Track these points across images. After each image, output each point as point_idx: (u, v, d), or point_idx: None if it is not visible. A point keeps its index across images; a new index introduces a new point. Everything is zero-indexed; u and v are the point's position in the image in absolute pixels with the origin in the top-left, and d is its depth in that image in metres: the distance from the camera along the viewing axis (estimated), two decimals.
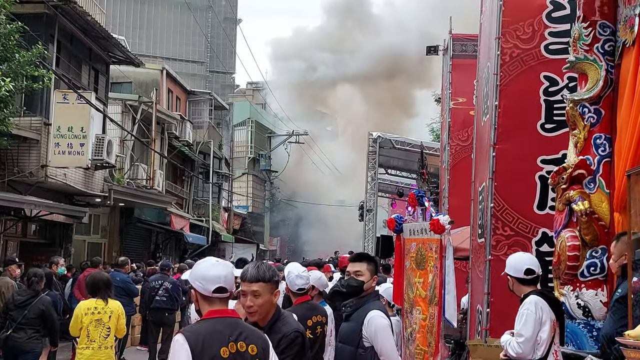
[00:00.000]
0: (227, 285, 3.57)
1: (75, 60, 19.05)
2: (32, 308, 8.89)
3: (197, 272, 3.62)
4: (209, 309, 3.57)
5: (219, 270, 3.58)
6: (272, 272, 4.05)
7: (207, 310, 3.57)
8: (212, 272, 3.56)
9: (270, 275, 4.01)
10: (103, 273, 8.88)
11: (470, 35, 13.87)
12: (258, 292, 3.99)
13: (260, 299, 4.00)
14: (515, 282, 5.39)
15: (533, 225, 7.39)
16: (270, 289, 4.03)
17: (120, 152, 23.14)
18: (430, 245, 6.78)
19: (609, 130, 5.83)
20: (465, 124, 13.58)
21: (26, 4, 16.06)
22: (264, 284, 4.00)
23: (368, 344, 5.01)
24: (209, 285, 3.54)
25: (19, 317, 8.85)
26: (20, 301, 8.99)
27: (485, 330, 7.26)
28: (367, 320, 5.02)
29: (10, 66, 12.92)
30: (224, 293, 3.58)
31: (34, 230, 19.03)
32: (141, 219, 25.79)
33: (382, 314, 5.07)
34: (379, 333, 4.99)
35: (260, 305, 4.01)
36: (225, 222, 37.91)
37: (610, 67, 5.86)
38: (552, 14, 7.55)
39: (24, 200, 15.40)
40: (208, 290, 3.54)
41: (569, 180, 5.81)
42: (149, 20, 55.73)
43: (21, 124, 15.77)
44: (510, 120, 7.56)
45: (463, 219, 10.13)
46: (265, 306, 4.03)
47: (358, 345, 5.03)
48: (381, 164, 26.91)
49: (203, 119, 33.97)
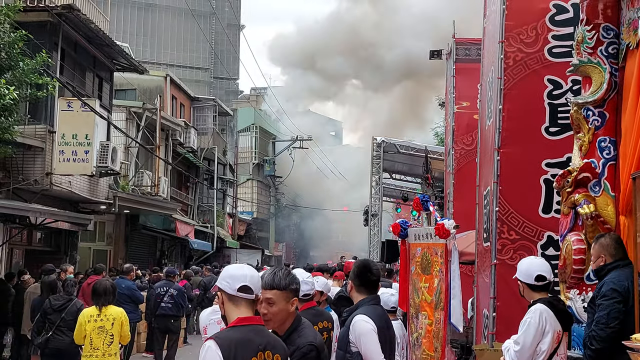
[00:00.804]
0: (252, 285, 3.54)
1: (80, 68, 19.09)
2: (68, 311, 9.39)
3: (224, 272, 3.65)
4: (237, 315, 3.53)
5: (246, 270, 3.61)
6: (289, 279, 3.96)
7: (236, 317, 3.52)
8: (239, 271, 3.59)
9: (286, 283, 3.93)
10: (105, 280, 8.89)
11: (473, 39, 13.85)
12: (272, 300, 3.91)
13: (275, 307, 3.92)
14: (526, 288, 5.33)
15: (538, 229, 7.37)
16: (285, 297, 3.94)
17: (124, 159, 23.17)
18: (436, 249, 6.77)
19: (613, 133, 5.81)
20: (469, 128, 13.56)
21: (30, 12, 16.12)
22: (279, 291, 3.92)
23: (355, 349, 4.96)
24: (235, 283, 3.52)
25: (57, 320, 9.39)
26: (57, 305, 9.52)
27: (492, 335, 7.25)
28: (351, 325, 4.99)
29: (14, 74, 12.95)
30: (249, 293, 3.53)
31: (39, 238, 19.04)
32: (146, 226, 25.81)
33: (367, 317, 4.99)
34: (362, 337, 4.94)
35: (275, 314, 3.93)
36: (230, 228, 37.92)
37: (614, 69, 5.84)
38: (556, 17, 7.55)
39: (29, 208, 15.42)
40: (233, 287, 3.52)
41: (574, 183, 5.79)
42: (152, 28, 55.83)
43: (26, 132, 15.80)
44: (515, 124, 7.56)
45: (468, 223, 10.11)
46: (280, 314, 3.95)
47: (346, 350, 5.00)
48: (385, 169, 26.90)
49: (207, 125, 34.02)
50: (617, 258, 5.28)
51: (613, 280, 5.15)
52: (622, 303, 5.02)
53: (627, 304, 5.02)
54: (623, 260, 5.27)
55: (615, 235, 5.43)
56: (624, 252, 5.34)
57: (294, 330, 4.03)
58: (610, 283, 5.13)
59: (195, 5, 47.77)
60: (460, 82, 14.15)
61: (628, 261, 5.29)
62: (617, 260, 5.26)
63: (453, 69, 14.34)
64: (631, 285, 5.11)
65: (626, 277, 5.13)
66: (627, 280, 5.10)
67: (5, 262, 16.13)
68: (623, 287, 5.08)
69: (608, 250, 5.32)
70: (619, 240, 5.37)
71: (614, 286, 5.08)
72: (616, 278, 5.16)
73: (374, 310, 5.12)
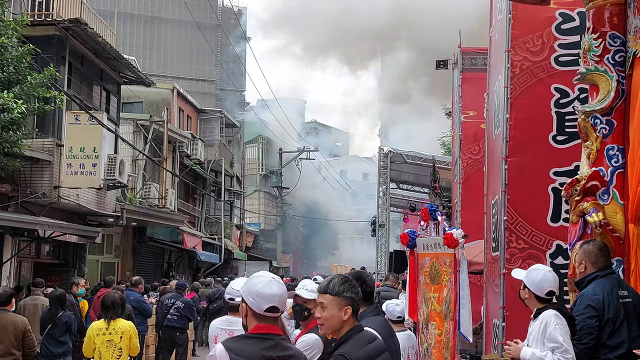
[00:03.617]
0: (279, 305, 3.53)
1: (87, 81, 19.17)
2: None
3: (251, 288, 3.54)
4: (256, 324, 3.54)
5: (275, 289, 3.52)
6: (343, 287, 3.98)
7: (254, 326, 3.54)
8: (268, 291, 3.50)
9: (339, 290, 3.95)
10: (114, 293, 8.89)
11: (479, 49, 13.87)
12: (324, 305, 3.97)
13: (326, 312, 3.96)
14: (532, 297, 5.30)
15: (547, 238, 7.36)
16: (337, 303, 3.95)
17: (132, 172, 23.21)
18: (445, 259, 6.74)
19: (621, 141, 5.79)
20: (476, 137, 13.56)
21: (37, 26, 16.22)
22: (331, 297, 3.95)
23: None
24: (263, 304, 3.49)
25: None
26: None
27: (501, 344, 7.21)
28: None
29: (22, 88, 13.00)
30: (276, 312, 3.54)
31: (47, 251, 19.07)
32: (154, 238, 25.83)
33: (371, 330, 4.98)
34: None
35: (326, 319, 3.97)
36: (237, 240, 37.90)
37: (621, 77, 5.83)
38: (562, 25, 7.55)
39: (37, 222, 15.46)
40: (261, 308, 3.50)
41: (582, 192, 5.77)
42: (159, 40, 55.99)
43: (34, 145, 15.86)
44: (522, 133, 7.56)
45: (476, 233, 10.09)
46: (331, 320, 3.97)
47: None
48: (393, 179, 26.85)
49: (214, 137, 34.08)
50: (598, 267, 5.32)
51: (589, 294, 5.19)
52: (596, 318, 5.06)
53: (603, 318, 5.07)
54: (603, 270, 5.29)
55: (600, 243, 5.44)
56: (607, 260, 5.35)
57: (345, 341, 4.00)
58: (586, 298, 5.18)
59: (201, 18, 47.92)
60: (467, 92, 14.16)
61: (609, 271, 5.31)
62: (597, 271, 5.30)
63: (459, 79, 14.35)
64: (608, 296, 5.13)
65: (602, 289, 5.16)
66: (604, 292, 5.14)
67: (14, 275, 16.16)
68: (598, 301, 5.12)
69: (589, 258, 5.35)
70: (603, 248, 5.38)
71: (588, 301, 5.13)
72: (591, 291, 5.20)
73: (375, 320, 5.13)
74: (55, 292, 10.94)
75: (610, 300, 5.13)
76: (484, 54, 11.26)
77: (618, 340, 5.11)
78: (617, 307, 5.16)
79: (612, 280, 5.28)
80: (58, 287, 12.85)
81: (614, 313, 5.13)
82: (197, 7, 48.91)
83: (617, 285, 5.28)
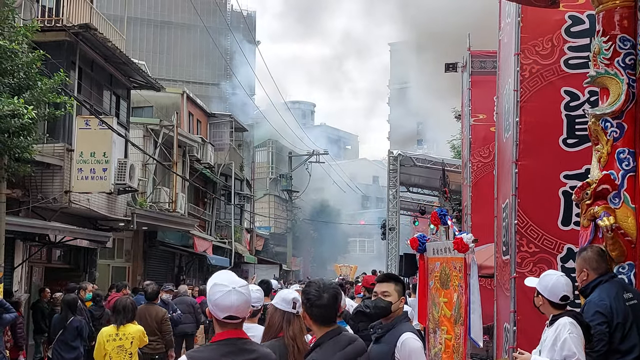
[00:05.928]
0: (238, 314, 3.50)
1: (97, 86, 19.23)
2: None
3: (211, 297, 3.52)
4: (219, 331, 3.54)
5: (232, 300, 3.46)
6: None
7: (217, 333, 3.55)
8: (224, 302, 3.46)
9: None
10: (126, 298, 8.91)
11: (488, 52, 13.85)
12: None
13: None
14: (547, 304, 5.24)
15: (558, 242, 7.32)
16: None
17: (142, 176, 23.28)
18: (455, 264, 6.72)
19: (632, 144, 5.75)
20: (486, 141, 13.54)
21: (47, 32, 16.27)
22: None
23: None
24: (219, 313, 3.49)
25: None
26: None
27: (512, 349, 7.18)
28: (400, 343, 4.85)
29: (32, 94, 13.04)
30: (236, 320, 3.52)
31: (58, 255, 19.13)
32: (164, 242, 25.88)
33: (415, 336, 4.94)
34: (413, 355, 4.82)
35: None
36: (247, 244, 37.94)
37: (632, 80, 5.79)
38: (571, 28, 7.52)
39: (48, 226, 15.51)
40: (219, 316, 3.50)
41: (593, 195, 5.73)
42: (168, 45, 56.11)
43: (44, 150, 15.91)
44: (532, 136, 7.52)
45: (487, 236, 10.06)
46: None
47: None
48: (402, 182, 26.83)
49: (224, 141, 34.13)
50: (600, 272, 5.30)
51: (595, 301, 5.16)
52: (606, 324, 5.03)
53: (613, 323, 5.04)
54: (605, 274, 5.28)
55: (598, 248, 5.41)
56: (607, 264, 5.32)
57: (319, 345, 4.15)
58: (594, 305, 5.14)
59: (210, 22, 48.00)
60: (476, 95, 14.14)
61: (611, 275, 5.28)
62: (600, 276, 5.28)
63: (469, 82, 14.33)
64: (615, 301, 5.11)
65: (608, 294, 5.13)
66: (610, 297, 5.11)
67: (25, 280, 16.22)
68: (605, 307, 5.09)
69: (590, 265, 5.32)
70: (602, 253, 5.36)
71: (596, 308, 5.10)
72: (598, 297, 5.17)
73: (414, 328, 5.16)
74: (66, 297, 10.97)
75: (617, 305, 5.10)
76: (494, 57, 11.24)
77: (629, 344, 5.08)
78: (625, 310, 5.12)
79: (616, 284, 5.25)
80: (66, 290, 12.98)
81: (623, 317, 5.09)
82: (207, 11, 49.03)
83: (621, 288, 5.25)
